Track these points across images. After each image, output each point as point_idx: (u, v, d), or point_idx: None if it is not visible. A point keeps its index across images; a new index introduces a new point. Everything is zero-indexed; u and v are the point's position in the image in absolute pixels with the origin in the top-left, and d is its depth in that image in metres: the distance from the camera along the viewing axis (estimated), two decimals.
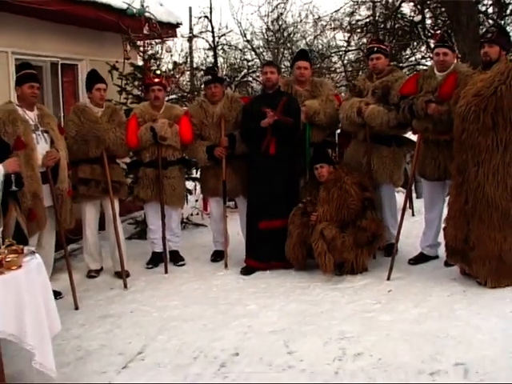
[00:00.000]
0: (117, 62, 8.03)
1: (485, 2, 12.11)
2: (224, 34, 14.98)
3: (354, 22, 16.92)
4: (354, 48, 17.56)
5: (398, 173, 5.99)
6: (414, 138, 5.92)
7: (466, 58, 8.44)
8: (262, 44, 19.88)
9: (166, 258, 6.24)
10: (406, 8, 14.27)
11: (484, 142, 4.90)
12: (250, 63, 16.66)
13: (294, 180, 6.06)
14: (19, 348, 3.63)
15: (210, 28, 14.29)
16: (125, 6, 8.17)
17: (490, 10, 12.51)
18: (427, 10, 12.31)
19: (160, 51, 8.32)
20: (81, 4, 7.34)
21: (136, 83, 8.08)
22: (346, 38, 18.46)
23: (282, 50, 19.98)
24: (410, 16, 12.93)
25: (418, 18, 12.51)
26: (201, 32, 14.54)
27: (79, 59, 8.42)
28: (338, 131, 6.63)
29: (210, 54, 15.45)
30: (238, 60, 17.00)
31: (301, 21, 19.97)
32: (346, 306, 4.91)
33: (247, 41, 18.16)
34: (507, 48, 5.23)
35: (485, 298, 4.81)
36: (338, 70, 19.11)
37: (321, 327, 4.50)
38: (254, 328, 4.58)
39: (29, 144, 5.09)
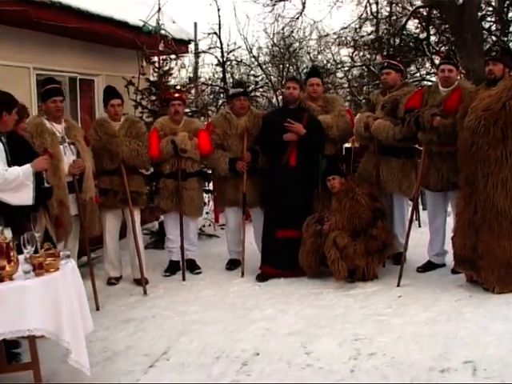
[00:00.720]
0: (133, 77, 8.32)
1: (488, 19, 12.44)
2: (233, 50, 15.20)
3: (357, 38, 17.31)
4: (358, 64, 17.87)
5: (406, 183, 6.24)
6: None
7: (471, 75, 8.72)
8: (268, 59, 20.20)
9: (183, 266, 6.50)
10: (411, 25, 14.68)
11: (493, 155, 5.16)
12: (257, 79, 16.96)
13: (310, 191, 6.31)
14: (49, 348, 3.89)
15: (218, 44, 14.69)
16: (140, 24, 8.50)
17: (494, 27, 12.85)
18: (432, 27, 12.62)
19: (174, 67, 8.62)
20: (98, 21, 7.66)
21: (152, 98, 8.37)
22: (350, 54, 18.89)
23: (287, 65, 20.27)
24: (414, 33, 13.24)
25: (423, 35, 12.81)
26: (209, 48, 14.84)
27: (96, 74, 8.74)
28: (347, 145, 6.89)
29: (218, 69, 15.79)
30: (245, 75, 17.32)
31: (306, 37, 20.25)
32: (358, 311, 5.16)
33: (253, 56, 18.48)
34: (511, 66, 5.51)
35: (490, 303, 5.06)
36: (343, 86, 19.43)
37: (335, 330, 4.74)
38: (272, 330, 4.83)
39: (56, 155, 5.34)
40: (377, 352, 4.26)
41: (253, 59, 18.39)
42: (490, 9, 12.56)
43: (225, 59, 14.69)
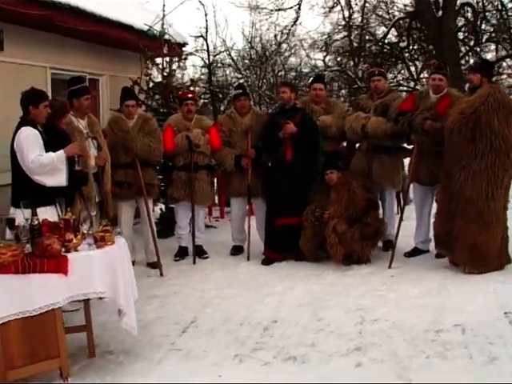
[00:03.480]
0: (139, 78, 8.91)
1: (463, 30, 13.37)
2: (219, 53, 15.84)
3: (330, 43, 18.07)
4: (335, 68, 18.60)
5: (397, 178, 6.97)
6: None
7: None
8: (246, 62, 20.79)
9: (194, 251, 7.14)
10: (391, 34, 15.52)
11: (465, 151, 5.97)
12: (240, 80, 17.62)
13: (307, 182, 6.98)
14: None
15: (205, 47, 15.31)
16: (144, 28, 9.12)
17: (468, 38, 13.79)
18: (409, 36, 13.48)
19: (177, 69, 9.24)
20: (108, 25, 8.27)
21: (156, 97, 8.98)
22: (323, 58, 19.65)
23: (264, 67, 20.88)
24: (394, 42, 14.07)
25: (403, 43, 13.67)
26: (196, 50, 15.44)
27: (101, 74, 9.31)
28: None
29: (204, 70, 16.38)
30: (230, 78, 17.98)
31: (280, 44, 20.71)
32: (358, 287, 5.88)
33: (232, 59, 19.11)
34: (487, 75, 6.31)
35: (472, 281, 5.84)
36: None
37: (340, 302, 5.46)
38: (284, 303, 5.52)
39: (85, 152, 5.88)
40: (379, 318, 4.98)
41: (234, 62, 19.08)
42: (464, 21, 13.48)
43: (211, 62, 15.34)
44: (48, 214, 4.67)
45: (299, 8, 14.77)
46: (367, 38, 16.46)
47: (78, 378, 4.13)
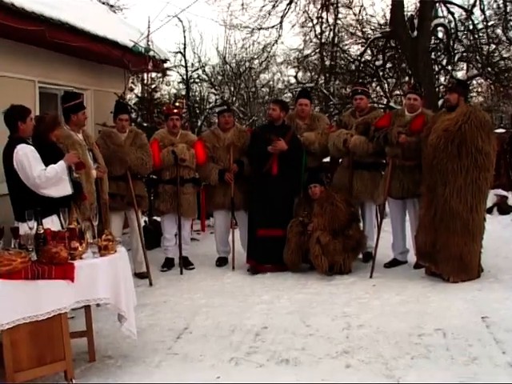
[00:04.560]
0: (124, 93, 9.12)
1: (436, 49, 13.92)
2: (197, 69, 16.08)
3: (302, 58, 18.41)
4: (308, 84, 18.91)
5: (376, 192, 7.27)
6: None
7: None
8: (220, 78, 21.03)
9: (181, 262, 7.35)
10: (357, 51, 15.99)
11: (450, 167, 6.30)
12: (216, 96, 17.88)
13: (290, 196, 7.26)
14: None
15: (183, 63, 15.54)
16: (129, 44, 9.33)
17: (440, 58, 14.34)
18: (384, 55, 13.95)
19: (161, 85, 9.48)
20: (96, 41, 8.45)
21: (140, 113, 9.19)
22: (295, 74, 19.99)
23: (238, 83, 21.15)
24: (369, 60, 14.52)
25: (379, 62, 14.13)
26: (174, 66, 15.65)
27: (86, 89, 9.47)
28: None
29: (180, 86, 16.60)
30: (205, 93, 18.20)
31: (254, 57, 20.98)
32: (342, 296, 6.15)
33: (206, 75, 19.34)
34: (463, 95, 6.70)
35: (450, 289, 6.18)
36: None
37: (326, 309, 5.72)
38: (272, 310, 5.76)
39: (87, 164, 6.07)
40: (364, 324, 5.25)
41: (209, 78, 19.30)
42: (437, 41, 14.02)
43: (189, 77, 15.56)
44: (52, 223, 4.84)
45: (281, 27, 15.10)
46: (339, 55, 16.83)
47: (82, 380, 4.30)
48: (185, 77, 15.58)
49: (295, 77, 19.93)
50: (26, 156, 5.05)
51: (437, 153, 6.34)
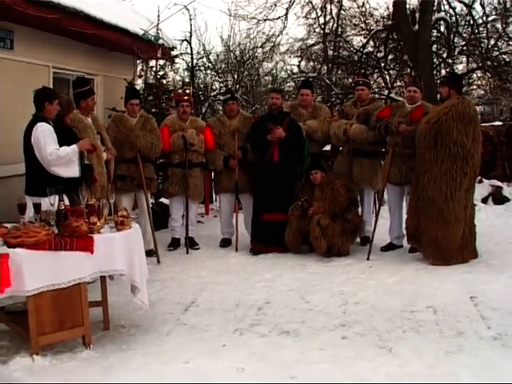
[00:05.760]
0: (133, 79, 9.43)
1: (436, 42, 14.23)
2: (202, 57, 16.36)
3: (305, 48, 18.67)
4: (311, 74, 19.16)
5: (376, 179, 7.60)
6: None
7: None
8: (224, 66, 21.26)
9: (187, 242, 7.70)
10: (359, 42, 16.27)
11: (428, 157, 6.70)
12: (221, 84, 18.18)
13: (292, 181, 7.60)
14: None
15: (188, 50, 15.82)
16: (138, 32, 9.64)
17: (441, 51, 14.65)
18: (386, 47, 14.25)
19: (168, 71, 9.79)
20: (108, 28, 8.77)
21: (149, 98, 9.51)
22: (298, 63, 20.24)
23: (241, 71, 21.38)
24: (371, 52, 14.83)
25: (380, 54, 14.44)
26: (181, 53, 15.93)
27: (96, 74, 9.79)
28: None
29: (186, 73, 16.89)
30: (209, 81, 18.49)
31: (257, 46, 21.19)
32: (339, 276, 6.51)
33: (210, 62, 19.59)
34: (455, 87, 7.00)
35: (441, 271, 6.52)
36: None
37: (324, 287, 6.07)
38: (274, 288, 6.11)
39: (98, 147, 6.39)
40: (360, 301, 5.60)
41: (213, 66, 19.55)
42: (438, 34, 14.35)
43: (194, 65, 15.87)
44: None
45: (286, 18, 15.40)
46: (341, 45, 17.10)
47: (98, 346, 4.65)
48: (190, 64, 15.92)
49: (298, 66, 20.18)
50: (43, 133, 5.40)
51: (418, 143, 6.77)
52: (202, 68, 17.51)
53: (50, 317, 4.40)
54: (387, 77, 14.94)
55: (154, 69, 9.58)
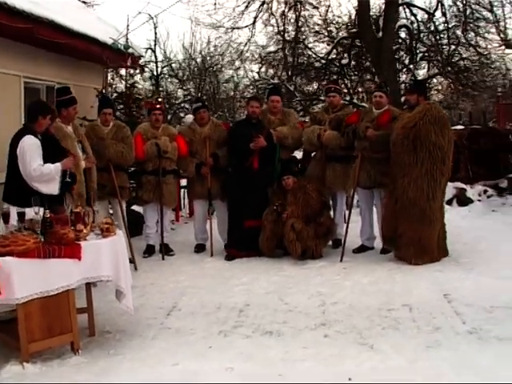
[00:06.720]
0: (103, 88, 9.47)
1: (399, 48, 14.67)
2: (167, 65, 16.47)
3: (264, 55, 18.88)
4: (272, 81, 19.36)
5: (348, 183, 7.79)
6: None
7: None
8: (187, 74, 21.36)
9: (163, 248, 7.79)
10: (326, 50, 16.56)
11: (407, 160, 6.92)
12: (185, 92, 18.31)
13: (266, 188, 7.76)
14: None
15: (153, 59, 15.96)
16: (107, 41, 9.69)
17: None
18: (350, 54, 14.59)
19: (139, 80, 9.88)
20: (78, 38, 8.79)
21: (119, 107, 9.56)
22: (258, 70, 20.43)
23: (204, 78, 21.51)
24: (334, 58, 15.15)
25: (345, 60, 14.77)
26: (146, 62, 16.01)
27: (66, 84, 9.76)
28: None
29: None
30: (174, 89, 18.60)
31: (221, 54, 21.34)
32: (315, 278, 6.68)
33: (173, 70, 19.69)
34: (422, 93, 7.35)
35: (414, 271, 6.77)
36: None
37: (301, 289, 6.24)
38: (252, 291, 6.25)
39: (77, 155, 6.42)
40: (338, 301, 5.79)
41: (176, 75, 19.64)
42: (401, 42, 14.76)
43: (159, 73, 15.98)
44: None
45: (253, 26, 15.62)
46: (302, 52, 17.36)
47: (85, 351, 4.71)
48: (154, 72, 16.03)
49: (258, 73, 20.38)
50: (30, 147, 5.43)
51: (395, 148, 6.99)
52: (167, 76, 17.56)
53: (39, 324, 4.46)
54: (349, 83, 15.25)
55: (123, 77, 9.61)
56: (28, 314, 4.38)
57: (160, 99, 8.03)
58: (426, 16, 14.93)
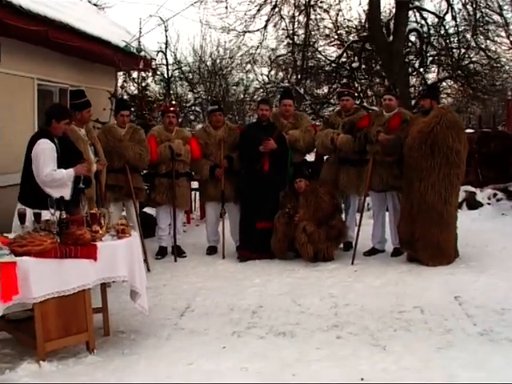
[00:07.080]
0: (115, 90, 9.56)
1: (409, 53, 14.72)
2: (177, 68, 16.55)
3: (274, 57, 18.94)
4: (283, 84, 19.42)
5: (361, 186, 7.81)
6: None
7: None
8: (197, 76, 21.44)
9: (175, 250, 7.85)
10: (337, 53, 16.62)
11: (425, 165, 6.95)
12: (196, 95, 18.38)
13: (279, 191, 7.82)
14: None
15: (164, 61, 16.01)
16: (121, 44, 9.78)
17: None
18: (361, 58, 14.64)
19: (151, 83, 9.95)
20: (91, 41, 8.90)
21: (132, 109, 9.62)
22: (267, 73, 20.51)
23: (213, 81, 21.60)
24: (345, 62, 15.20)
25: (356, 64, 14.82)
26: (156, 65, 16.08)
27: (79, 86, 9.86)
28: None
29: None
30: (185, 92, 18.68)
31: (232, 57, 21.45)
32: (327, 280, 6.72)
33: (183, 73, 19.77)
34: (435, 98, 7.43)
35: (425, 273, 6.80)
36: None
37: (314, 291, 6.28)
38: (265, 292, 6.30)
39: (89, 159, 6.49)
40: (350, 303, 5.83)
41: (186, 77, 19.72)
42: (411, 45, 14.82)
43: (170, 76, 16.05)
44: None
45: (265, 30, 15.73)
46: (312, 55, 17.41)
47: (101, 351, 4.77)
48: (165, 75, 16.09)
49: (267, 76, 20.45)
50: (44, 151, 5.49)
51: (412, 152, 7.00)
52: (178, 79, 17.64)
53: (55, 323, 4.52)
54: (359, 86, 15.29)
55: (136, 80, 9.69)
56: (44, 314, 4.44)
57: (174, 102, 8.07)
58: (436, 20, 15.00)
